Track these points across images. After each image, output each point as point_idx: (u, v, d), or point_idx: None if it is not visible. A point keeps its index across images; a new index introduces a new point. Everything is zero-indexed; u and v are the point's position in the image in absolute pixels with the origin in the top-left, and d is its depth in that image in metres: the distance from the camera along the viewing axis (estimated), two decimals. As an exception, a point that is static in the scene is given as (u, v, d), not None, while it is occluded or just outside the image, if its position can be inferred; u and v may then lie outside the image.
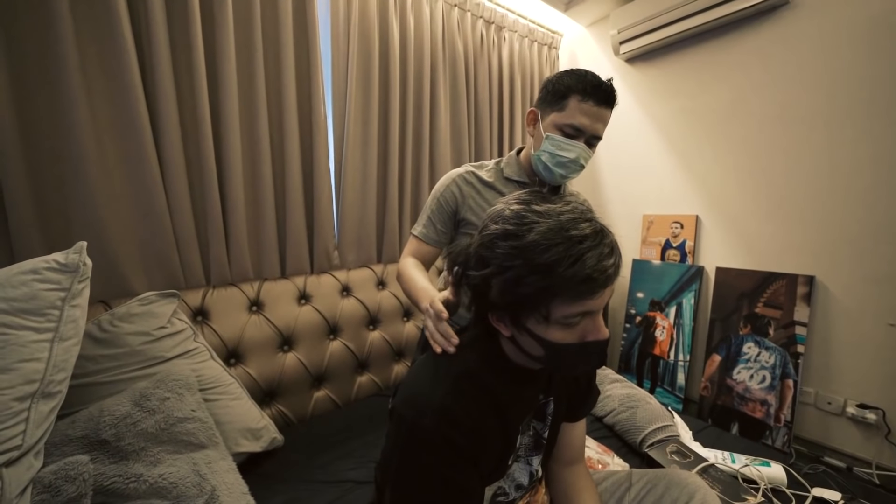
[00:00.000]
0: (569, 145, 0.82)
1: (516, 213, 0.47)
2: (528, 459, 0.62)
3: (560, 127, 0.82)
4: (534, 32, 1.94)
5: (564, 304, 0.45)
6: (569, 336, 0.47)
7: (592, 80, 0.80)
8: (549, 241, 0.44)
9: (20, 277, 0.65)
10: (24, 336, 0.62)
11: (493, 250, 0.47)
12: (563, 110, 0.82)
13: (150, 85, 1.00)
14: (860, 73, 1.26)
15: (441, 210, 0.92)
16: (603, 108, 0.81)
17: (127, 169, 1.00)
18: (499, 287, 0.47)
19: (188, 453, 0.78)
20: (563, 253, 0.43)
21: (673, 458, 0.90)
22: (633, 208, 1.93)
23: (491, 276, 0.47)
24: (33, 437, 0.60)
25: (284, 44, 1.20)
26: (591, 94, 0.79)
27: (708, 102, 1.63)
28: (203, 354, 0.96)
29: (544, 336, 0.47)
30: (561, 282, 0.43)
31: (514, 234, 0.46)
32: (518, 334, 0.50)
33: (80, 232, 0.95)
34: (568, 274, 0.43)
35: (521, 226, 0.46)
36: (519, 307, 0.47)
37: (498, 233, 0.47)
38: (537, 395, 0.60)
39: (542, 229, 0.45)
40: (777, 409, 1.40)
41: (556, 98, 0.82)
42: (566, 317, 0.46)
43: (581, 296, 0.44)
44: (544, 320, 0.46)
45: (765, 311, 1.49)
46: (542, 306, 0.45)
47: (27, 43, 0.88)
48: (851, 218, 1.31)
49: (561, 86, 0.82)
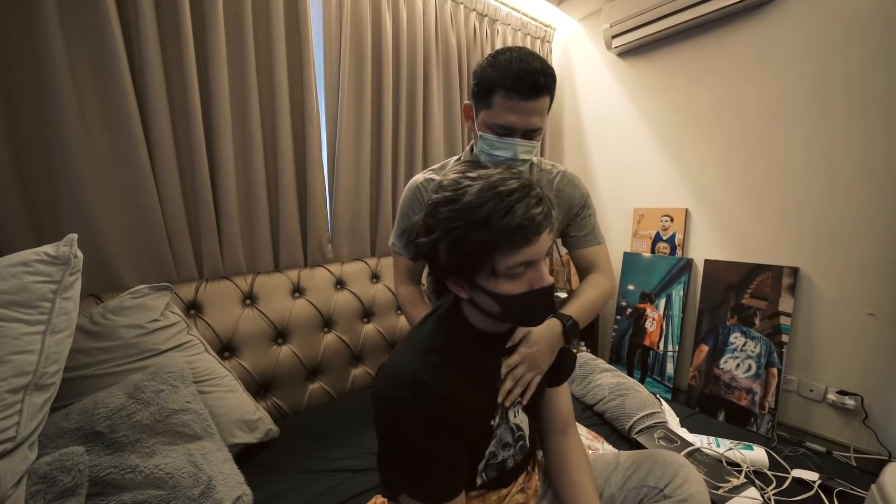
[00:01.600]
0: (502, 144, 0.76)
1: (453, 180, 0.53)
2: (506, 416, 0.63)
3: (490, 126, 0.76)
4: (527, 26, 1.94)
5: (505, 254, 0.49)
6: (517, 287, 0.51)
7: (515, 73, 0.69)
8: (481, 199, 0.48)
9: (10, 270, 0.65)
10: (15, 328, 0.62)
11: (436, 216, 0.52)
12: (490, 108, 0.74)
13: (140, 77, 0.99)
14: (847, 67, 1.29)
15: (408, 220, 0.88)
16: (532, 100, 0.72)
17: (117, 162, 0.99)
18: (445, 249, 0.51)
19: (184, 444, 0.78)
20: (493, 207, 0.48)
21: (660, 443, 0.93)
22: (624, 202, 1.95)
23: (437, 241, 0.51)
24: (27, 429, 0.60)
25: (276, 36, 1.19)
26: (515, 90, 0.70)
27: (698, 97, 1.65)
28: (197, 347, 0.96)
29: (495, 290, 0.51)
30: (497, 234, 0.48)
31: (452, 199, 0.50)
32: (474, 295, 0.54)
33: (71, 226, 0.94)
34: (501, 225, 0.47)
35: (457, 190, 0.51)
36: (468, 265, 0.51)
37: (439, 200, 0.52)
38: (506, 354, 0.63)
39: (475, 190, 0.50)
40: (762, 397, 1.44)
41: (482, 94, 0.75)
42: (510, 268, 0.50)
43: (517, 244, 0.49)
44: (492, 275, 0.51)
45: (751, 302, 1.53)
46: (487, 260, 0.50)
47: (12, 35, 0.86)
48: (833, 211, 1.34)
49: (485, 79, 0.73)
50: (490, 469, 0.61)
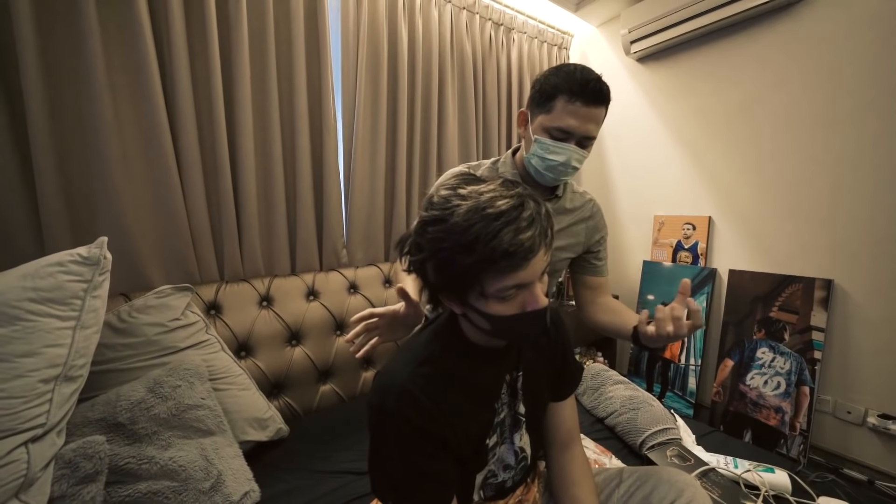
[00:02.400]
0: (557, 148, 0.78)
1: (443, 197, 0.50)
2: (511, 438, 0.62)
3: (548, 129, 0.78)
4: (543, 33, 1.94)
5: (494, 278, 0.47)
6: (508, 308, 0.50)
7: (580, 79, 0.74)
8: (468, 222, 0.46)
9: (47, 269, 0.71)
10: (49, 323, 0.67)
11: (424, 236, 0.50)
12: (550, 112, 0.77)
13: (170, 89, 1.06)
14: (882, 68, 1.21)
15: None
16: (593, 107, 0.76)
17: (147, 170, 1.06)
18: (433, 269, 0.50)
19: (197, 439, 0.82)
20: (480, 231, 0.45)
21: (673, 461, 0.89)
22: (644, 209, 1.90)
23: (425, 260, 0.50)
24: (56, 417, 0.65)
25: (296, 48, 1.24)
26: (579, 94, 0.74)
27: (720, 102, 1.59)
28: (214, 346, 1.01)
29: (486, 310, 0.50)
30: (483, 258, 0.46)
31: (440, 219, 0.48)
32: (467, 311, 0.53)
33: (104, 227, 1.01)
34: (487, 250, 0.45)
35: (444, 210, 0.48)
36: (456, 286, 0.50)
37: (427, 219, 0.50)
38: (506, 372, 0.61)
39: (462, 210, 0.47)
40: (792, 417, 1.35)
41: (543, 99, 0.78)
42: (500, 290, 0.48)
43: (505, 270, 0.47)
44: (482, 296, 0.49)
45: (780, 315, 1.44)
46: (475, 283, 0.48)
47: (60, 52, 0.94)
48: (871, 220, 1.26)
49: (548, 86, 0.77)
50: (488, 488, 0.61)
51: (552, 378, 0.66)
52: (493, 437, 0.59)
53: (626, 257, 1.97)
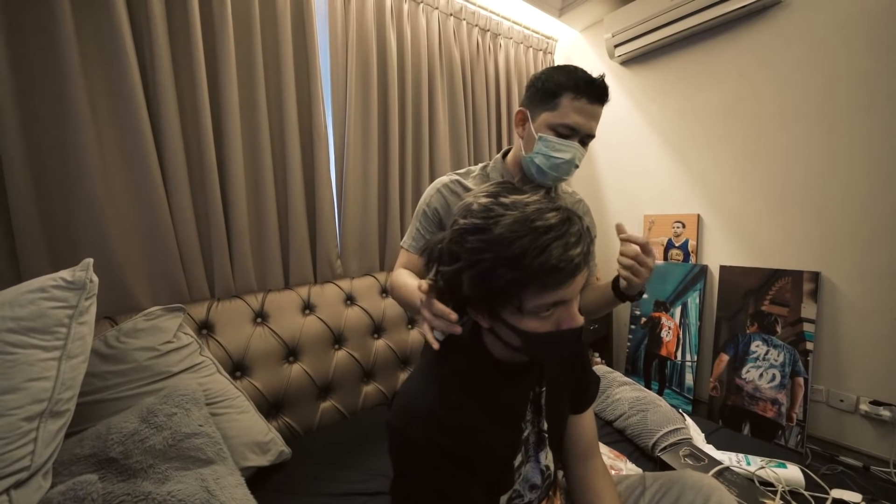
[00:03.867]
0: (563, 146, 0.78)
1: (484, 206, 0.47)
2: (537, 457, 0.61)
3: (553, 127, 0.78)
4: (529, 38, 1.96)
5: (535, 294, 0.45)
6: (543, 325, 0.48)
7: (585, 77, 0.76)
8: (515, 234, 0.44)
9: (28, 296, 0.65)
10: (32, 355, 0.62)
11: (462, 245, 0.47)
12: (555, 109, 0.77)
13: (153, 96, 1.02)
14: (856, 67, 1.27)
15: (428, 220, 0.90)
16: (596, 105, 0.78)
17: (131, 184, 1.01)
18: (470, 280, 0.47)
19: (196, 469, 0.77)
20: (528, 244, 0.43)
21: (686, 461, 0.89)
22: (634, 209, 1.93)
23: (462, 271, 0.47)
24: (42, 458, 0.60)
25: (284, 57, 1.21)
26: (585, 92, 0.75)
27: (705, 102, 1.64)
28: (209, 368, 0.96)
29: (519, 326, 0.48)
30: (529, 273, 0.44)
31: (482, 228, 0.46)
32: (495, 326, 0.51)
33: (86, 248, 0.95)
34: (535, 265, 0.43)
35: (488, 219, 0.46)
36: (492, 299, 0.48)
37: (467, 227, 0.47)
38: (530, 388, 0.60)
39: (508, 222, 0.45)
40: (789, 408, 1.38)
41: (546, 96, 0.78)
42: (538, 307, 0.46)
43: (550, 286, 0.45)
44: (518, 311, 0.47)
45: (771, 308, 1.48)
46: (514, 297, 0.46)
47: (33, 66, 0.89)
48: (855, 213, 1.30)
49: (551, 83, 0.77)
50: None
51: (573, 391, 0.65)
52: (519, 456, 0.57)
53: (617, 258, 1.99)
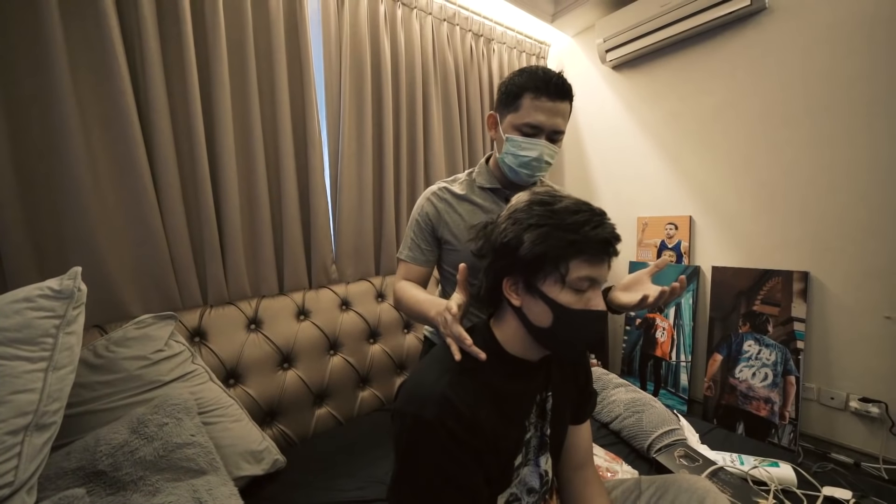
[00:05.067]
0: (529, 144, 0.81)
1: (545, 191, 0.57)
2: (537, 461, 0.62)
3: (518, 127, 0.81)
4: (521, 43, 1.98)
5: (582, 263, 0.52)
6: (577, 302, 0.53)
7: (543, 76, 0.78)
8: (578, 208, 0.53)
9: (13, 306, 0.64)
10: (16, 367, 0.61)
11: (529, 212, 0.55)
12: (518, 110, 0.81)
13: (144, 104, 1.00)
14: (841, 70, 1.30)
15: (421, 230, 0.91)
16: (558, 101, 0.80)
17: (121, 190, 0.99)
18: (532, 239, 0.52)
19: (188, 480, 0.76)
20: (588, 217, 0.52)
21: (681, 462, 0.90)
22: (627, 211, 1.94)
23: (525, 230, 0.53)
24: (26, 472, 0.58)
25: (277, 63, 1.21)
26: (544, 90, 0.78)
27: (696, 105, 1.66)
28: (202, 376, 0.94)
29: (556, 299, 0.52)
30: (585, 240, 0.51)
31: (547, 202, 0.55)
32: (529, 300, 0.55)
33: (75, 256, 0.93)
34: (591, 234, 0.51)
35: (552, 197, 0.56)
36: (541, 264, 0.53)
37: (535, 200, 0.56)
38: (537, 391, 0.61)
39: (570, 201, 0.55)
40: (781, 407, 1.40)
41: (510, 99, 0.82)
42: (580, 279, 0.52)
43: (599, 255, 0.52)
44: (561, 280, 0.52)
45: (763, 308, 1.50)
46: (564, 263, 0.52)
47: (21, 73, 0.88)
48: (842, 213, 1.33)
49: (513, 86, 0.81)
50: None
51: (575, 401, 0.66)
52: (519, 456, 0.58)
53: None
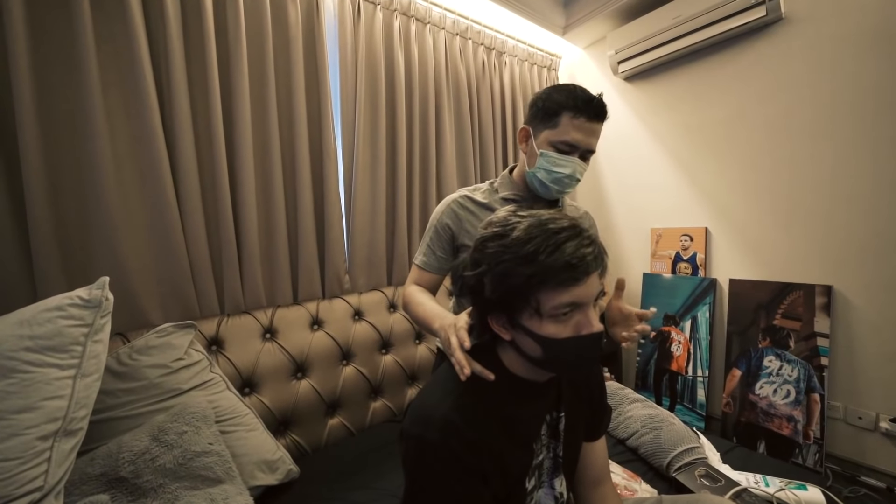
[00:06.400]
0: (563, 161, 0.83)
1: (502, 217, 0.53)
2: (551, 483, 0.60)
3: (554, 144, 0.83)
4: (533, 56, 2.00)
5: (551, 292, 0.48)
6: (563, 330, 0.49)
7: (583, 96, 0.81)
8: (530, 235, 0.48)
9: (45, 315, 0.66)
10: (48, 373, 0.63)
11: (483, 251, 0.52)
12: (555, 127, 0.82)
13: (169, 120, 1.04)
14: (860, 80, 1.28)
15: (439, 237, 0.92)
16: (595, 122, 0.82)
17: (145, 200, 1.03)
18: (491, 282, 0.50)
19: (205, 489, 0.77)
20: (541, 243, 0.47)
21: (703, 482, 0.87)
22: (641, 222, 1.92)
23: (483, 274, 0.51)
24: (55, 477, 0.60)
25: (295, 77, 1.25)
26: (583, 110, 0.80)
27: (710, 116, 1.65)
28: (219, 385, 0.96)
29: (539, 332, 0.49)
30: (543, 269, 0.47)
31: (500, 234, 0.51)
32: (516, 335, 0.52)
33: (100, 265, 0.97)
34: (549, 261, 0.47)
35: (506, 227, 0.51)
36: (511, 301, 0.50)
37: (487, 235, 0.52)
38: (547, 411, 0.60)
39: (524, 226, 0.49)
40: (805, 426, 1.35)
41: (547, 115, 0.83)
42: (556, 307, 0.48)
43: (564, 283, 0.47)
44: (536, 314, 0.49)
45: (783, 322, 1.46)
46: (532, 297, 0.48)
47: (54, 89, 0.92)
48: (865, 226, 1.29)
49: (552, 103, 0.82)
50: None
51: (588, 418, 0.65)
52: (532, 480, 0.57)
53: (625, 271, 1.98)
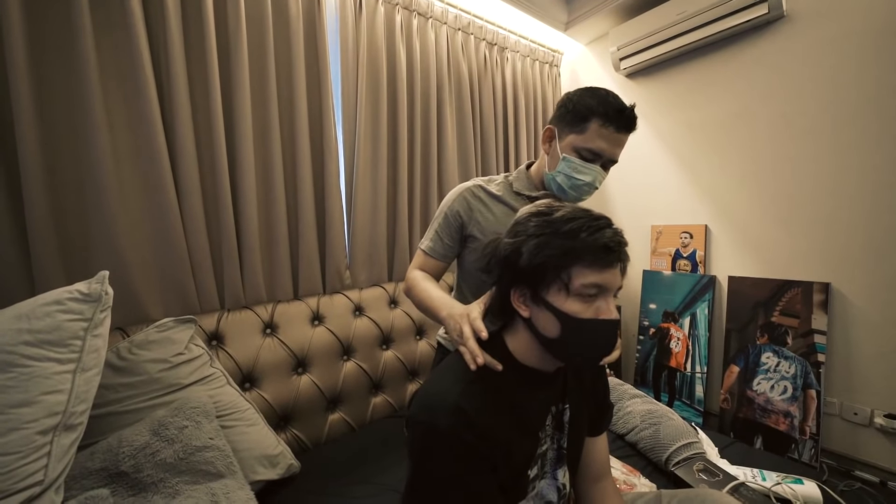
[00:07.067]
0: (585, 168, 0.80)
1: (546, 203, 0.58)
2: (554, 474, 0.61)
3: (578, 149, 0.80)
4: (535, 52, 1.99)
5: (585, 269, 0.51)
6: (585, 311, 0.52)
7: (615, 105, 0.77)
8: (573, 216, 0.53)
9: (44, 309, 0.66)
10: (47, 368, 0.62)
11: (525, 224, 0.55)
12: (582, 133, 0.79)
13: (168, 113, 1.03)
14: (862, 78, 1.28)
15: (448, 224, 0.89)
16: (623, 133, 0.80)
17: (144, 194, 1.02)
18: (529, 251, 0.53)
19: (206, 483, 0.76)
20: (584, 224, 0.52)
21: (701, 476, 0.88)
22: (641, 219, 1.93)
23: (523, 242, 0.54)
24: (55, 472, 0.60)
25: (296, 72, 1.24)
26: (614, 120, 0.77)
27: (711, 113, 1.65)
28: (219, 380, 0.96)
29: (562, 308, 0.51)
30: (582, 246, 0.50)
31: (544, 213, 0.55)
32: (537, 311, 0.54)
33: (99, 259, 0.96)
34: (589, 240, 0.50)
35: (550, 208, 0.56)
36: (543, 273, 0.52)
37: (532, 212, 0.56)
38: (552, 401, 0.60)
39: (567, 210, 0.55)
40: (801, 422, 1.36)
41: (576, 119, 0.79)
42: (585, 286, 0.51)
43: (598, 263, 0.51)
44: (564, 289, 0.52)
45: (781, 319, 1.47)
46: (564, 271, 0.51)
47: (53, 82, 0.91)
48: (864, 224, 1.30)
49: (582, 107, 0.78)
50: None
51: (592, 413, 0.66)
52: (535, 468, 0.57)
53: (625, 267, 1.99)
